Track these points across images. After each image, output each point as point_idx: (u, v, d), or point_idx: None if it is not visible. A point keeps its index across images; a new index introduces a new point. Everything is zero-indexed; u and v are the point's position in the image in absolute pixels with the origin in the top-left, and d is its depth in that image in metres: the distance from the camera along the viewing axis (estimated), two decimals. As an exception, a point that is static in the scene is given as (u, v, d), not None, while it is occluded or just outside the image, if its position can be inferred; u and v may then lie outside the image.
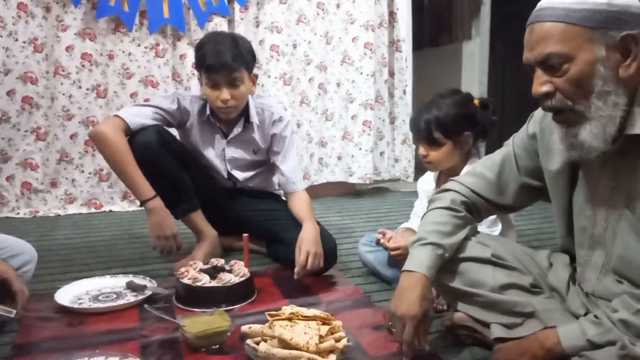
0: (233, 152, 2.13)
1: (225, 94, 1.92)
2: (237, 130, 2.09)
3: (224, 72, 1.90)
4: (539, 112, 1.27)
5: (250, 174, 2.19)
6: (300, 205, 2.00)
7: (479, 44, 4.14)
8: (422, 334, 1.22)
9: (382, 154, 3.69)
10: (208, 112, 2.05)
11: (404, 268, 1.24)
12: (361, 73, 3.49)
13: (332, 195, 3.56)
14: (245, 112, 2.07)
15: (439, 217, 1.30)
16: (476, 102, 1.80)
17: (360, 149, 3.54)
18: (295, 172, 2.09)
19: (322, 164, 3.54)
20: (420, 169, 3.89)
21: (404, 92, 3.72)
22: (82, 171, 3.06)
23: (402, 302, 1.19)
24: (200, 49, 1.97)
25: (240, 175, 2.18)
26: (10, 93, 2.87)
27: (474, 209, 1.35)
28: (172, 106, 2.03)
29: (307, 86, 3.41)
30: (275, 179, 2.22)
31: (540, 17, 1.04)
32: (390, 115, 3.72)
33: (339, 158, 3.56)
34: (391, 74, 3.68)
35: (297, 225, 1.89)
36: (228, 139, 2.11)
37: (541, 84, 1.05)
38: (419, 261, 1.23)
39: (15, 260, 1.59)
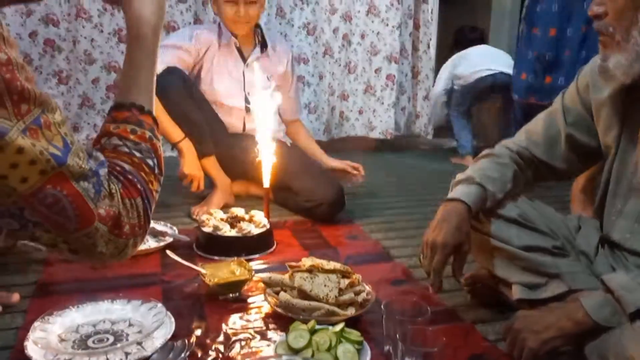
0: (251, 76, 2.18)
1: (242, 8, 2.05)
2: (255, 53, 2.20)
3: None
4: (587, 66, 1.24)
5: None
6: (308, 138, 2.38)
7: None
8: (456, 266, 1.20)
9: (403, 109, 3.63)
10: (229, 33, 2.14)
11: (446, 198, 1.23)
12: (387, 25, 3.39)
13: (351, 149, 3.53)
14: (262, 38, 2.21)
15: (485, 164, 1.29)
16: None
17: (382, 103, 3.48)
18: (299, 99, 2.41)
19: (342, 117, 3.49)
20: (437, 127, 3.84)
21: (428, 45, 3.62)
22: (104, 116, 3.05)
23: (435, 231, 1.18)
24: None
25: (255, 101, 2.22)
26: (32, 35, 2.84)
27: (524, 166, 1.31)
28: (189, 42, 2.10)
29: (330, 37, 3.34)
30: (280, 125, 2.33)
31: None
32: (413, 69, 3.63)
33: (360, 112, 3.51)
34: (416, 26, 3.58)
35: (306, 173, 2.07)
36: (247, 62, 2.19)
37: (597, 3, 1.05)
38: (463, 192, 1.22)
39: None
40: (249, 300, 1.37)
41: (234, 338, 1.20)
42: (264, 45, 2.21)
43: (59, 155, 0.65)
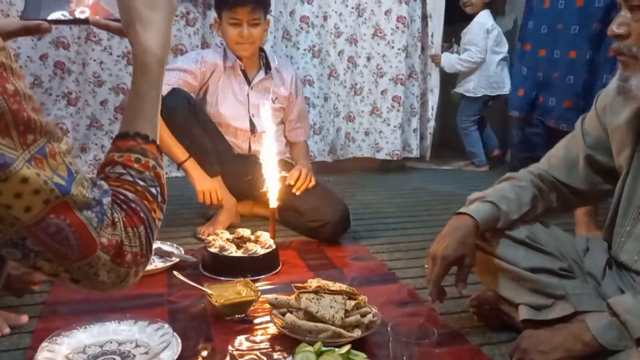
0: (256, 98, 2.22)
1: (245, 29, 2.08)
2: (259, 75, 2.23)
3: (246, 9, 2.06)
4: (606, 88, 1.25)
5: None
6: (301, 156, 2.33)
7: (512, 19, 4.02)
8: (458, 278, 1.22)
9: (415, 130, 3.64)
10: (234, 56, 2.17)
11: (456, 211, 1.24)
12: (392, 47, 3.43)
13: (358, 170, 3.54)
14: (266, 61, 2.23)
15: (503, 185, 1.30)
16: None
17: (388, 124, 3.50)
18: (306, 122, 2.42)
19: (349, 138, 3.51)
20: (438, 146, 3.85)
21: (434, 68, 3.65)
22: (111, 137, 3.06)
23: (438, 243, 1.20)
24: None
25: (260, 123, 2.23)
26: (43, 57, 2.89)
27: (546, 189, 1.31)
28: (195, 66, 2.13)
29: (336, 59, 3.37)
30: (285, 146, 2.35)
31: None
32: (420, 91, 3.66)
33: (367, 133, 3.53)
34: (424, 49, 3.61)
35: (311, 194, 2.06)
36: (251, 85, 2.21)
37: (618, 24, 1.05)
38: (474, 208, 1.23)
39: None
40: (255, 321, 1.37)
41: (240, 359, 1.20)
42: (268, 68, 2.24)
43: (63, 184, 0.65)
